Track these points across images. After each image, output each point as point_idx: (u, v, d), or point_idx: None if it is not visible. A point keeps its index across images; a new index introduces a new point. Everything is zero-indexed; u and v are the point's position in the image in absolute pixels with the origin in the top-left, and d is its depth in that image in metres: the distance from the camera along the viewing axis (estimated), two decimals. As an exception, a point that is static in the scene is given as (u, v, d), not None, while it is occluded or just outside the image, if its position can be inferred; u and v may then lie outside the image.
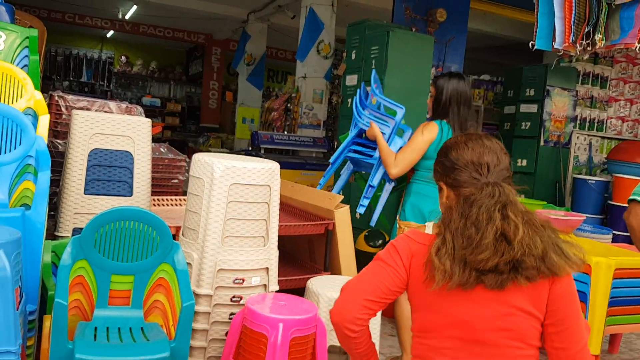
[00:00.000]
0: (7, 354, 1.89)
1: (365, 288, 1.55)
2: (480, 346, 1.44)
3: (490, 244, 1.40)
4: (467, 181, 1.56)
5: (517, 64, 7.82)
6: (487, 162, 1.57)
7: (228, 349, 2.48)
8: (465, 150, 1.60)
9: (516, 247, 1.40)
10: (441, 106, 3.31)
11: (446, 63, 6.06)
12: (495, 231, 1.42)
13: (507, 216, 1.44)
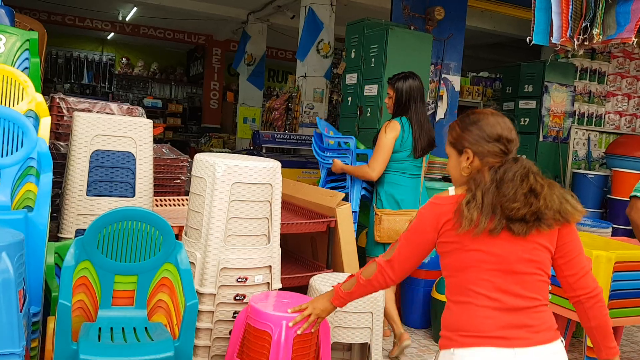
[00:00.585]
0: (11, 355, 1.91)
1: (404, 257, 1.93)
2: (513, 274, 1.76)
3: (522, 197, 1.73)
4: (496, 153, 1.85)
5: (516, 60, 7.83)
6: (513, 139, 1.88)
7: (232, 347, 2.49)
8: (496, 126, 1.88)
9: (541, 200, 1.74)
10: (402, 105, 3.74)
11: (445, 60, 6.06)
12: (529, 187, 1.75)
13: (535, 178, 1.79)
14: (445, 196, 1.88)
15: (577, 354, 4.12)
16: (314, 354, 2.43)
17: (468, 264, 1.79)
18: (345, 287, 2.10)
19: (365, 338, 2.77)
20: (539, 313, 1.77)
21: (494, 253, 1.76)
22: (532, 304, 1.76)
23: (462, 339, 1.76)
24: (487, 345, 1.72)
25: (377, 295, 2.75)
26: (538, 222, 1.75)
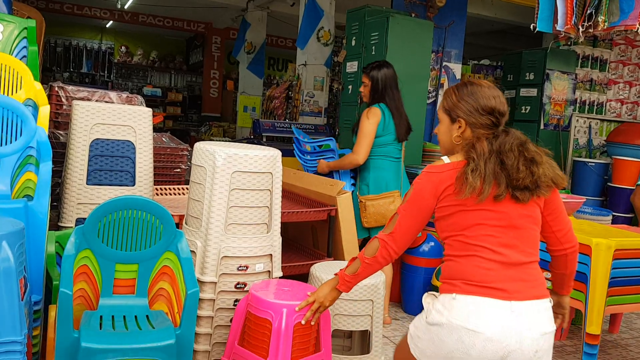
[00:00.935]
0: (13, 344, 1.92)
1: (406, 229, 2.00)
2: (514, 229, 1.90)
3: (524, 167, 1.88)
4: (487, 125, 1.99)
5: (517, 48, 7.80)
6: (505, 112, 2.02)
7: (233, 334, 2.50)
8: (491, 99, 2.01)
9: (540, 169, 1.90)
10: (378, 93, 3.94)
11: (446, 48, 6.03)
12: (530, 157, 1.90)
13: (531, 148, 1.93)
14: (441, 164, 1.97)
15: (576, 340, 4.14)
16: (314, 342, 2.44)
17: (473, 222, 1.91)
18: (350, 271, 2.12)
19: (365, 325, 2.78)
20: (534, 270, 1.93)
21: (497, 210, 1.90)
22: (529, 259, 1.92)
23: (465, 287, 1.87)
24: (487, 295, 1.84)
25: (377, 282, 2.76)
26: (538, 189, 1.91)
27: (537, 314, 1.86)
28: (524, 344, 1.82)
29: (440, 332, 1.87)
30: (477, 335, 1.80)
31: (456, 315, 1.84)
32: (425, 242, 4.35)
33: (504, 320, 1.81)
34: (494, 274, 1.86)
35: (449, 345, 1.85)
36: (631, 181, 6.04)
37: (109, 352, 2.07)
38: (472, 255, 1.90)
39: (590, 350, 3.23)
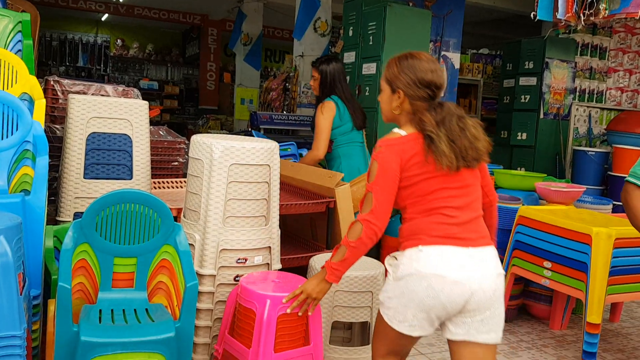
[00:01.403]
0: (12, 338, 1.91)
1: (384, 203, 2.07)
2: (467, 189, 2.12)
3: (467, 141, 2.07)
4: (424, 98, 2.12)
5: (516, 37, 7.77)
6: (442, 86, 2.15)
7: (224, 324, 2.52)
8: (429, 73, 2.12)
9: (481, 144, 2.10)
10: (328, 86, 4.17)
11: (444, 37, 6.00)
12: (472, 134, 2.08)
13: (469, 124, 2.09)
14: (398, 137, 2.11)
15: (577, 329, 4.14)
16: (302, 334, 2.44)
17: (435, 187, 2.08)
18: (337, 259, 2.13)
19: (365, 317, 2.78)
20: (481, 222, 2.16)
21: (455, 175, 2.09)
22: (478, 214, 2.15)
23: (428, 239, 2.05)
24: (449, 244, 2.04)
25: (377, 274, 2.75)
26: (481, 157, 2.12)
27: (490, 258, 2.09)
28: (484, 285, 2.02)
29: (410, 283, 2.02)
30: (444, 279, 1.99)
31: (424, 264, 2.01)
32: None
33: (465, 265, 2.02)
34: (453, 228, 2.06)
35: (420, 293, 2.00)
36: (631, 170, 6.03)
37: (109, 345, 2.07)
38: (434, 214, 2.08)
39: (591, 339, 3.23)
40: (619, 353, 3.80)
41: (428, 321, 2.06)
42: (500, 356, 3.60)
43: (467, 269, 2.02)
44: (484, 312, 2.05)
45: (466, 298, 2.00)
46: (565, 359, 3.64)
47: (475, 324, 2.06)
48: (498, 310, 2.09)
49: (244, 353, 2.33)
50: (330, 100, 4.13)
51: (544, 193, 4.23)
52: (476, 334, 2.06)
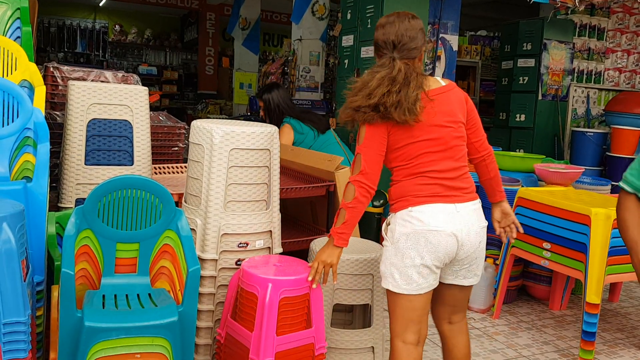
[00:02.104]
0: (17, 324, 1.93)
1: (372, 163, 2.24)
2: (451, 150, 2.26)
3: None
4: (385, 55, 2.28)
5: (514, 18, 7.73)
6: (392, 42, 2.26)
7: (226, 308, 2.54)
8: (383, 31, 2.29)
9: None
10: (276, 113, 4.51)
11: (442, 20, 5.96)
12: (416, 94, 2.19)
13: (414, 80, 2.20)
14: None
15: (576, 309, 4.18)
16: (304, 317, 2.46)
17: (419, 153, 2.24)
18: (339, 223, 2.25)
19: (366, 299, 2.80)
20: (466, 178, 2.31)
21: (437, 138, 2.23)
22: (462, 172, 2.29)
23: (416, 199, 2.22)
24: (436, 202, 2.21)
25: (377, 256, 2.77)
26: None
27: (474, 212, 2.28)
28: (471, 236, 2.24)
29: (409, 242, 2.20)
30: (439, 233, 2.18)
31: (417, 223, 2.19)
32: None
33: (454, 219, 2.21)
34: (437, 187, 2.23)
35: (420, 249, 2.19)
36: (630, 150, 6.03)
37: (112, 330, 2.09)
38: (419, 177, 2.25)
39: (591, 319, 3.26)
40: (618, 332, 3.84)
41: (431, 275, 2.24)
42: (500, 337, 3.64)
43: (456, 222, 2.21)
44: (471, 261, 2.30)
45: (457, 249, 2.23)
46: (565, 339, 3.68)
47: (462, 271, 2.32)
48: (481, 259, 2.35)
49: (247, 336, 2.36)
50: (286, 124, 4.46)
51: (542, 174, 4.24)
52: (462, 279, 2.34)
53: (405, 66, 2.23)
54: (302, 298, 2.42)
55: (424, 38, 2.32)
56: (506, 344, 3.54)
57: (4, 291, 1.90)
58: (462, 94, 2.37)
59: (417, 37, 2.29)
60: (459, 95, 2.34)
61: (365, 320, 2.97)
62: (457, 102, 2.32)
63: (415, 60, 2.31)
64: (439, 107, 2.25)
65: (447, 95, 2.29)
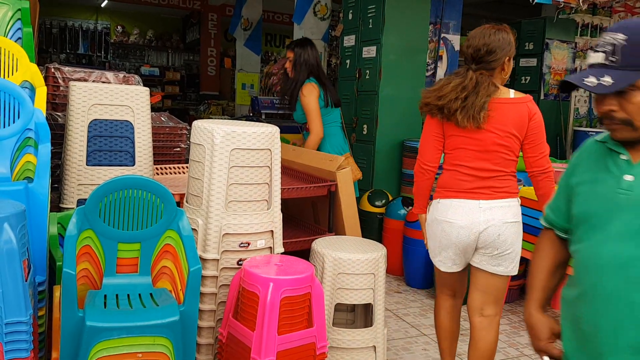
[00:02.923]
0: (18, 324, 1.93)
1: (425, 147, 2.74)
2: (486, 153, 2.59)
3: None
4: (465, 64, 2.65)
5: (516, 18, 7.72)
6: (470, 54, 2.62)
7: (228, 308, 2.54)
8: (467, 44, 2.66)
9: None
10: (302, 68, 4.30)
11: (444, 20, 5.97)
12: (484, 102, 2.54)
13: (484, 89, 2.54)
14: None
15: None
16: (306, 316, 2.46)
17: (458, 146, 2.62)
18: (414, 197, 2.87)
19: (368, 299, 2.80)
20: (503, 180, 2.59)
21: (476, 138, 2.57)
22: (499, 175, 2.58)
23: (445, 193, 2.65)
24: (460, 197, 2.60)
25: (379, 256, 2.77)
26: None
27: (500, 209, 2.57)
28: (489, 229, 2.56)
29: (432, 227, 2.70)
30: (452, 224, 2.60)
31: (438, 214, 2.65)
32: (426, 215, 4.37)
33: (473, 214, 2.57)
34: (467, 183, 2.59)
35: (437, 234, 2.66)
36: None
37: (114, 330, 2.09)
38: (453, 171, 2.64)
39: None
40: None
41: (449, 258, 2.69)
42: (502, 336, 3.64)
43: (473, 216, 2.56)
44: (492, 250, 2.60)
45: (474, 238, 2.58)
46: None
47: (486, 258, 2.63)
48: (507, 251, 2.60)
49: (248, 336, 2.36)
50: (311, 82, 4.28)
51: (545, 174, 4.22)
52: (486, 265, 2.64)
53: (479, 76, 2.56)
54: (304, 297, 2.42)
55: (507, 49, 2.59)
56: (508, 343, 3.54)
57: (5, 291, 1.91)
58: (527, 110, 2.57)
59: (497, 50, 2.57)
60: (521, 110, 2.56)
61: (367, 320, 2.97)
62: (515, 116, 2.55)
63: (494, 71, 2.61)
64: (492, 114, 2.54)
65: (507, 106, 2.56)
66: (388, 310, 3.93)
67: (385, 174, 5.31)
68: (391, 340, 3.47)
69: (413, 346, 3.43)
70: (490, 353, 2.66)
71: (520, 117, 2.56)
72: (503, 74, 2.64)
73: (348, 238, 3.08)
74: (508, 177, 2.60)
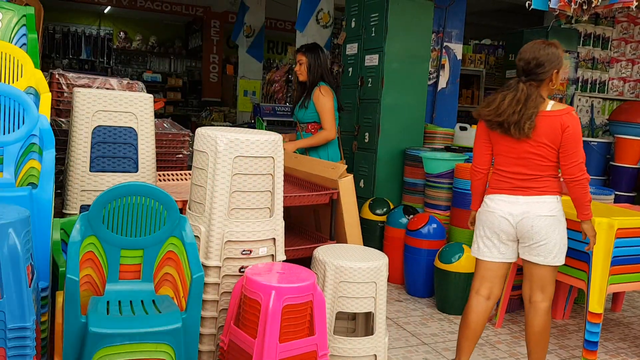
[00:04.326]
0: (22, 330, 1.94)
1: (476, 152, 3.08)
2: (522, 159, 2.88)
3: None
4: (515, 77, 2.92)
5: (518, 27, 7.74)
6: (521, 67, 2.88)
7: (230, 315, 2.54)
8: (519, 57, 2.90)
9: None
10: (316, 72, 4.36)
11: (446, 28, 6.00)
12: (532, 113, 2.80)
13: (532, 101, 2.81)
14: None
15: (579, 319, 4.17)
16: (307, 324, 2.47)
17: (498, 152, 2.95)
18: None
19: (369, 307, 2.80)
20: (539, 181, 2.85)
21: (512, 146, 2.87)
22: (535, 177, 2.85)
23: (491, 190, 2.98)
24: (501, 193, 2.93)
25: (380, 265, 2.78)
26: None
27: (535, 204, 2.84)
28: (523, 221, 2.85)
29: (479, 219, 3.02)
30: (494, 214, 2.92)
31: (484, 207, 3.00)
32: (427, 224, 4.37)
33: (512, 206, 2.88)
34: (507, 183, 2.91)
35: (483, 223, 2.98)
36: (634, 160, 6.03)
37: (117, 336, 2.10)
38: (496, 173, 2.97)
39: (593, 328, 3.26)
40: (620, 342, 3.83)
41: (494, 246, 2.96)
42: (502, 345, 3.64)
43: (511, 209, 2.87)
44: (528, 241, 2.87)
45: (512, 229, 2.89)
46: (567, 348, 3.67)
47: (525, 248, 2.91)
48: (541, 242, 2.84)
49: (250, 343, 2.36)
50: (326, 85, 4.36)
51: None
52: (528, 255, 2.91)
53: (529, 87, 2.81)
54: (305, 305, 2.43)
55: (556, 63, 2.84)
56: (508, 353, 3.53)
57: (9, 296, 1.91)
58: (561, 123, 2.77)
59: (545, 64, 2.81)
60: (554, 123, 2.78)
61: (367, 328, 2.97)
62: (548, 128, 2.78)
63: (543, 82, 2.85)
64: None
65: (542, 119, 2.78)
66: (389, 319, 3.93)
67: (387, 182, 5.31)
68: (392, 349, 3.46)
69: (414, 355, 3.43)
70: (540, 336, 2.94)
71: (553, 130, 2.78)
72: (551, 85, 2.90)
73: (349, 246, 3.08)
74: (546, 179, 2.85)
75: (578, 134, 2.80)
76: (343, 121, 5.71)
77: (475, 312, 3.00)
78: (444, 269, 4.08)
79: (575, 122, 2.80)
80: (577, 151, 2.80)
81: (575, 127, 2.79)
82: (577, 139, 2.79)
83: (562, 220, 2.90)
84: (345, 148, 5.68)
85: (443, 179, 4.76)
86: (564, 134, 2.77)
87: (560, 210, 2.89)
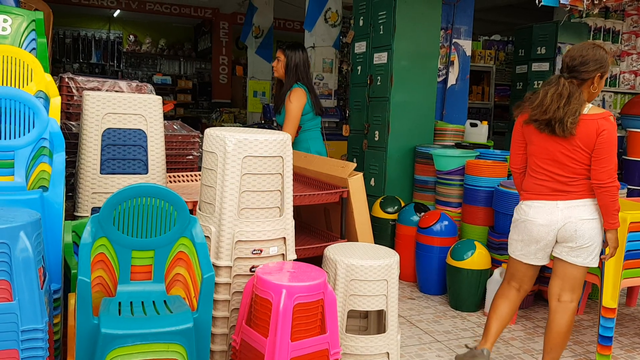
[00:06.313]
0: (34, 331, 1.96)
1: (512, 153, 3.09)
2: (556, 162, 2.87)
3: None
4: (556, 74, 2.94)
5: (527, 22, 7.70)
6: (566, 63, 2.87)
7: (241, 315, 2.55)
8: (566, 54, 2.91)
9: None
10: (292, 72, 4.37)
11: (455, 25, 5.97)
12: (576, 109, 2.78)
13: (575, 99, 2.78)
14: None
15: (593, 314, 4.14)
16: (318, 323, 2.47)
17: (532, 153, 2.95)
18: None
19: (381, 305, 2.80)
20: (574, 184, 2.84)
21: (546, 147, 2.87)
22: (573, 180, 2.83)
23: (527, 195, 2.98)
24: (539, 199, 2.91)
25: (392, 262, 2.77)
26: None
27: (576, 208, 2.84)
28: (566, 226, 2.84)
29: (517, 225, 3.00)
30: (533, 222, 2.91)
31: (522, 214, 2.97)
32: (438, 221, 4.36)
33: (551, 213, 2.87)
34: (543, 187, 2.90)
35: (521, 230, 2.97)
36: (646, 154, 5.96)
37: (129, 337, 2.10)
38: (530, 175, 2.97)
39: (607, 323, 3.23)
40: (635, 337, 3.79)
41: (531, 253, 2.98)
42: (516, 342, 3.62)
43: (552, 215, 2.86)
44: (569, 243, 2.87)
45: (553, 235, 2.89)
46: (582, 343, 3.64)
47: (566, 249, 2.89)
48: (585, 244, 2.84)
49: (262, 342, 2.37)
50: (300, 88, 4.35)
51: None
52: (567, 256, 2.90)
53: (570, 84, 2.78)
54: (316, 304, 2.43)
55: (600, 65, 2.82)
56: (522, 349, 3.51)
57: (21, 299, 1.93)
58: (596, 127, 2.74)
59: (590, 63, 2.80)
60: (589, 127, 2.75)
61: (380, 326, 2.96)
62: (583, 132, 2.75)
63: (584, 82, 2.83)
64: None
65: (581, 122, 2.76)
66: (401, 317, 3.92)
67: (398, 180, 5.30)
68: (404, 347, 3.45)
69: (427, 352, 3.42)
70: (562, 335, 2.93)
71: (588, 134, 2.75)
72: (592, 88, 2.85)
73: (360, 244, 3.08)
74: (582, 181, 2.83)
75: (613, 140, 2.74)
76: (353, 120, 5.71)
77: (505, 300, 3.10)
78: (456, 266, 4.06)
79: (612, 127, 2.74)
80: (610, 157, 2.75)
81: (611, 132, 2.73)
82: (611, 145, 2.74)
83: (602, 222, 2.88)
84: (355, 146, 5.67)
85: (454, 175, 4.74)
86: (598, 138, 2.73)
87: (599, 212, 2.86)
